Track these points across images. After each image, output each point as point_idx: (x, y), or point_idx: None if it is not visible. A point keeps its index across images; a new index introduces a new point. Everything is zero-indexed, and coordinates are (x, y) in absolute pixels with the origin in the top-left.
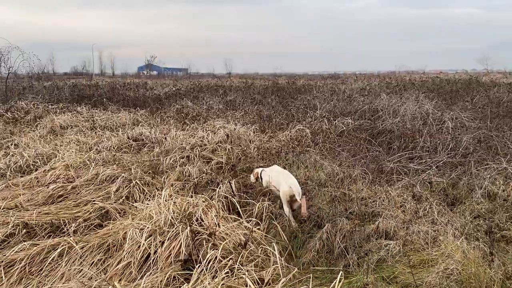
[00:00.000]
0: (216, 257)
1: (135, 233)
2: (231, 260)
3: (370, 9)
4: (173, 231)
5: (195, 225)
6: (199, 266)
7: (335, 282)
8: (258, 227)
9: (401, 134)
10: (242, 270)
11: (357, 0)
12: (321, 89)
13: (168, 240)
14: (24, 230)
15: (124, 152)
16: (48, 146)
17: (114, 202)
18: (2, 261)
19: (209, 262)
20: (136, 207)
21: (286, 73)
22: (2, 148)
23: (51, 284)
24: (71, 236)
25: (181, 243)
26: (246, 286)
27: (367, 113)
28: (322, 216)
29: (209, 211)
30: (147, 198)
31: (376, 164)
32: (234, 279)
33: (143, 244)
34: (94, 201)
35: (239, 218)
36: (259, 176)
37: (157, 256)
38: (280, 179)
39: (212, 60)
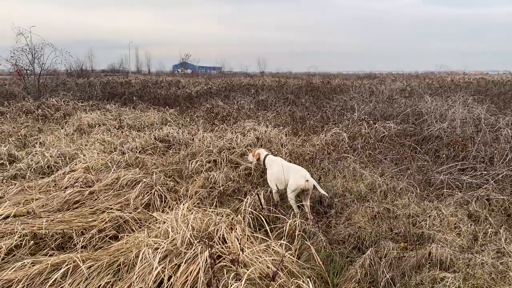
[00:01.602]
0: None
1: (148, 254)
2: None
3: (409, 8)
4: (191, 253)
5: (217, 245)
6: None
7: None
8: (289, 251)
9: (450, 141)
10: None
11: None
12: (358, 89)
13: (185, 263)
14: (32, 242)
15: (149, 154)
16: (73, 145)
17: (133, 211)
18: None
19: None
20: (155, 217)
21: (320, 72)
22: (28, 146)
23: None
24: (79, 252)
25: (200, 268)
26: None
27: (410, 116)
28: (363, 237)
29: (233, 228)
30: (169, 206)
31: (423, 175)
32: None
33: (156, 267)
34: (111, 208)
35: (267, 239)
36: (261, 159)
37: (171, 283)
38: (291, 172)
39: (245, 59)
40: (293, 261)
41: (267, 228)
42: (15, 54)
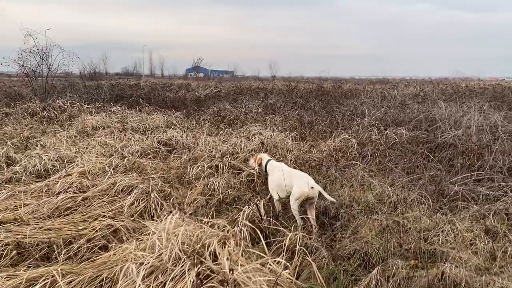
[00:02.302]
0: None
1: (132, 270)
2: None
3: (424, 13)
4: (178, 270)
5: (208, 261)
6: None
7: None
8: (287, 270)
9: (465, 150)
10: None
11: (413, 3)
12: (369, 94)
13: (171, 281)
14: (15, 251)
15: (151, 158)
16: (73, 148)
17: (127, 219)
18: None
19: None
20: (147, 226)
21: (333, 76)
22: (30, 148)
23: None
24: (60, 264)
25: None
26: None
27: (423, 123)
28: (370, 253)
29: (227, 243)
30: (165, 214)
31: (436, 185)
32: None
33: (139, 285)
34: (104, 216)
35: (264, 255)
36: (263, 164)
37: None
38: (294, 179)
39: (258, 62)
40: (291, 281)
41: (263, 243)
42: (22, 55)
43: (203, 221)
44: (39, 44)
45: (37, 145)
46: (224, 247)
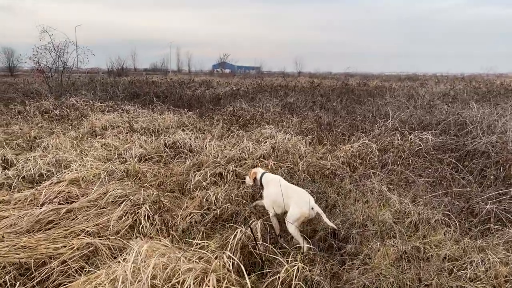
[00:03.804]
0: None
1: None
2: None
3: (457, 9)
4: None
5: None
6: None
7: None
8: None
9: (499, 159)
10: None
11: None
12: (395, 92)
13: None
14: None
15: (154, 162)
16: (75, 150)
17: (112, 236)
18: None
19: None
20: (132, 247)
21: (361, 72)
22: (34, 149)
23: None
24: None
25: None
26: None
27: (452, 126)
28: None
29: (205, 279)
30: (157, 229)
31: (465, 201)
32: None
33: None
34: (88, 231)
35: None
36: (257, 178)
37: None
38: (291, 196)
39: (285, 58)
40: None
41: (247, 279)
42: (37, 52)
43: (193, 243)
44: (54, 40)
45: (38, 147)
46: (203, 284)
